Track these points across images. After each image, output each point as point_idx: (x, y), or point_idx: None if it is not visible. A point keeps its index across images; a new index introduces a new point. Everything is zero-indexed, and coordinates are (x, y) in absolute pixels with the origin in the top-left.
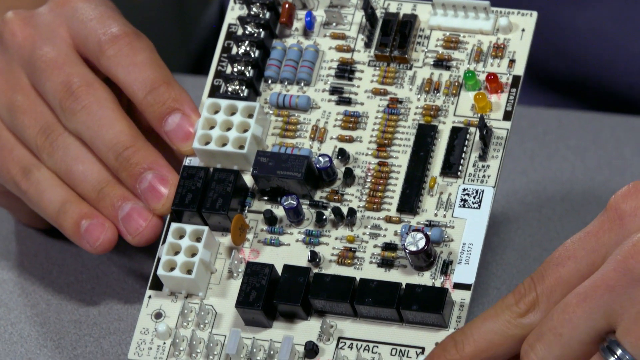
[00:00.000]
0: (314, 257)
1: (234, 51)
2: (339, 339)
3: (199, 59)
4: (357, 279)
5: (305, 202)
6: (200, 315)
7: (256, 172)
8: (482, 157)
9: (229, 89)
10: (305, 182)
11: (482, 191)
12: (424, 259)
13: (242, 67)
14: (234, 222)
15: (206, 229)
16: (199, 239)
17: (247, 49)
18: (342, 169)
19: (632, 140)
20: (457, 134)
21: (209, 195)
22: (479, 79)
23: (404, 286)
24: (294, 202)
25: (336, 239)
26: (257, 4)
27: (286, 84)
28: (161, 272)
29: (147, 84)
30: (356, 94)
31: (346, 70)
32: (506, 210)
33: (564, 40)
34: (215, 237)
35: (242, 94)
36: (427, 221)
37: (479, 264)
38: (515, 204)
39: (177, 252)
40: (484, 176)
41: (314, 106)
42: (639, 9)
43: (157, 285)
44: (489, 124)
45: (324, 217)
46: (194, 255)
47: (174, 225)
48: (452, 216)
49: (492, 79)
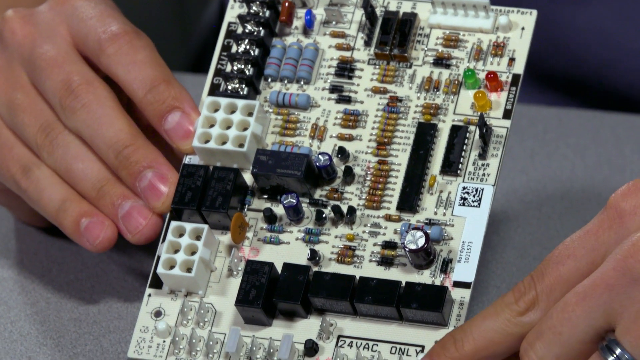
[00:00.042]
0: (314, 256)
1: (234, 49)
2: (339, 337)
3: (199, 57)
4: (357, 277)
5: (305, 201)
6: (200, 313)
7: (256, 170)
8: (482, 155)
9: (229, 88)
10: (305, 180)
11: (482, 189)
12: (424, 258)
13: (242, 66)
14: (234, 220)
15: (206, 227)
16: (198, 237)
17: (247, 47)
18: (342, 168)
19: (632, 138)
20: (457, 133)
21: (208, 193)
22: (478, 78)
23: (403, 284)
24: (294, 201)
25: (336, 237)
26: (257, 3)
27: (286, 82)
28: (161, 270)
29: (147, 83)
30: (356, 93)
31: (346, 68)
32: (506, 208)
33: (564, 38)
34: (215, 235)
35: (241, 93)
36: (427, 219)
37: (478, 262)
38: (515, 202)
39: (176, 251)
40: (484, 174)
41: (313, 104)
42: (638, 8)
43: (157, 283)
44: (488, 123)
45: (324, 215)
46: (193, 253)
47: (174, 223)
48: (451, 214)
49: (492, 77)
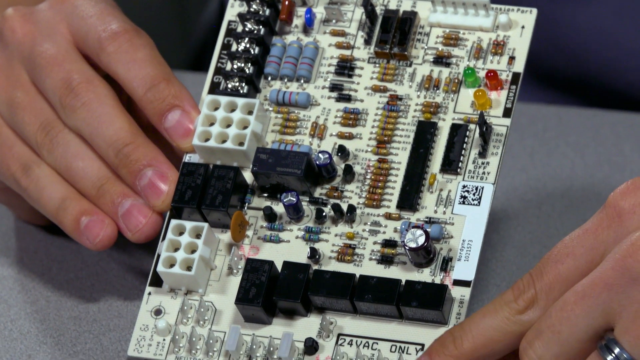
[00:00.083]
0: (314, 254)
1: (234, 48)
2: (339, 335)
3: (199, 55)
4: (357, 276)
5: (305, 199)
6: (200, 311)
7: (256, 168)
8: (482, 154)
9: (229, 86)
10: (305, 178)
11: (482, 188)
12: (424, 256)
13: (242, 64)
14: (234, 218)
15: (206, 225)
16: (198, 236)
17: (247, 45)
18: (342, 166)
19: (632, 137)
20: (457, 131)
21: (208, 192)
22: (478, 76)
23: (403, 283)
24: (294, 199)
25: (336, 235)
26: (257, 1)
27: (286, 80)
28: (161, 268)
29: (147, 81)
30: (356, 91)
31: (346, 67)
32: (506, 207)
33: (564, 37)
34: (215, 233)
35: (241, 91)
36: (427, 218)
37: (478, 261)
38: (515, 200)
39: (176, 249)
40: (484, 173)
41: (313, 103)
42: (638, 7)
43: (157, 281)
44: (488, 121)
45: (324, 213)
46: (193, 251)
47: (174, 221)
48: (451, 213)
49: (492, 75)
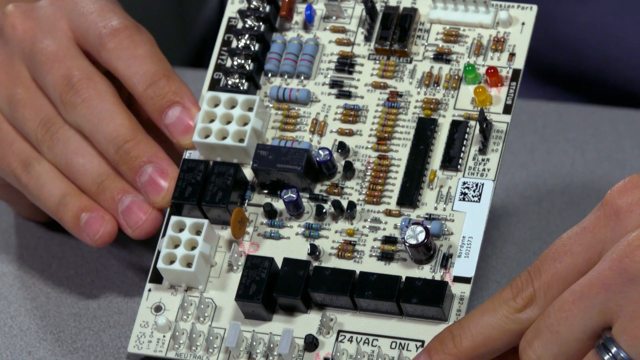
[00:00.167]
0: (314, 251)
1: (234, 44)
2: (339, 332)
3: (199, 52)
4: (357, 272)
5: (305, 196)
6: (200, 308)
7: (256, 165)
8: (482, 150)
9: (229, 83)
10: (305, 175)
11: (482, 184)
12: (424, 253)
13: (242, 61)
14: (234, 215)
15: (206, 222)
16: (198, 232)
17: (247, 42)
18: (342, 163)
19: (632, 133)
20: (457, 128)
21: (208, 188)
22: (479, 73)
23: (403, 279)
24: (294, 196)
25: (336, 232)
26: None
27: (286, 77)
28: (161, 265)
29: (147, 77)
30: (356, 88)
31: (346, 63)
32: (506, 203)
33: (564, 33)
34: (215, 230)
35: (242, 88)
36: (427, 214)
37: (478, 257)
38: (515, 197)
39: (177, 245)
40: (484, 170)
41: (314, 99)
42: (638, 3)
43: (157, 278)
44: (489, 118)
45: (324, 210)
46: (193, 248)
47: (174, 218)
48: (452, 209)
49: (492, 72)
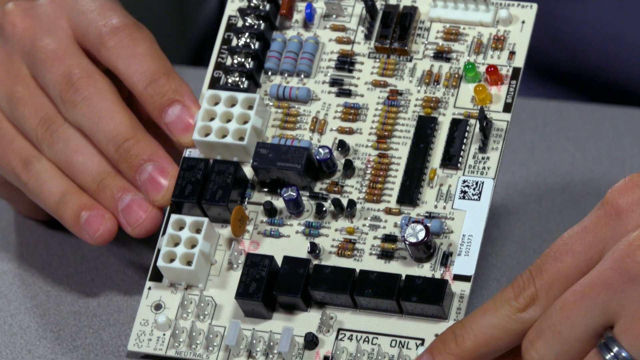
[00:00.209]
0: (314, 249)
1: (234, 43)
2: (339, 330)
3: (199, 50)
4: (357, 271)
5: (305, 194)
6: (200, 306)
7: (256, 163)
8: (482, 148)
9: (229, 81)
10: (305, 173)
11: (482, 183)
12: (424, 251)
13: (242, 59)
14: (234, 213)
15: (206, 220)
16: (198, 231)
17: (247, 40)
18: (342, 161)
19: (632, 132)
20: (457, 126)
21: (208, 186)
22: (479, 71)
23: (403, 278)
24: (294, 194)
25: (336, 230)
26: None
27: (286, 75)
28: (161, 263)
29: (147, 76)
30: (356, 86)
31: (346, 62)
32: (506, 202)
33: (565, 32)
34: (215, 228)
35: (242, 86)
36: (427, 213)
37: (478, 256)
38: (515, 195)
39: (177, 244)
40: (484, 168)
41: (314, 98)
42: (638, 2)
43: (157, 276)
44: (489, 116)
45: (324, 208)
46: (193, 246)
47: (174, 216)
48: (452, 208)
49: (492, 70)
